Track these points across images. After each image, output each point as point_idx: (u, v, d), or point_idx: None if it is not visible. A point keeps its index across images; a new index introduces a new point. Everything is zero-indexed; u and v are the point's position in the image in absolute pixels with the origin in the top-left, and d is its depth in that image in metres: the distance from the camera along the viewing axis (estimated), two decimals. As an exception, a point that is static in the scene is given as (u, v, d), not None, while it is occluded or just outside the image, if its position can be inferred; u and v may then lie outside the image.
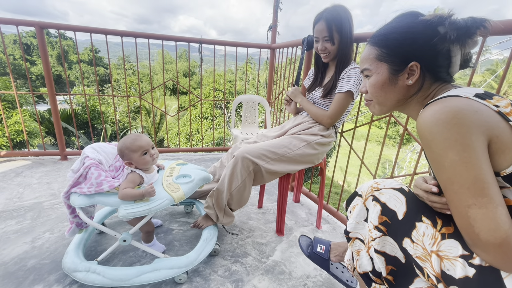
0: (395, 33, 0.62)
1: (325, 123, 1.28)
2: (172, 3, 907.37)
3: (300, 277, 1.14)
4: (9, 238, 1.25)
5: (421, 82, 0.62)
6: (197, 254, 1.09)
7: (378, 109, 0.70)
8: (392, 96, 0.66)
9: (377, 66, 0.65)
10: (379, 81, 0.65)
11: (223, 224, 1.28)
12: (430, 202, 0.57)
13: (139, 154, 1.02)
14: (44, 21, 2.06)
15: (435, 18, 0.58)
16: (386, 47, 0.63)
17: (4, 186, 1.77)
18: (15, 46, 30.34)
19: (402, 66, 0.62)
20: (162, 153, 2.65)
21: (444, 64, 0.60)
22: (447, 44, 0.58)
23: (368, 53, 0.68)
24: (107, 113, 13.04)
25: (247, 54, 2.56)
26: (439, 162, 0.51)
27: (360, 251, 0.71)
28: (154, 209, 0.94)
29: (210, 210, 1.25)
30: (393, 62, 0.63)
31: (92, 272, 0.98)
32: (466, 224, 0.48)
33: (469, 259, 0.49)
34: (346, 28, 1.17)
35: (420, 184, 0.60)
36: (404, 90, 0.64)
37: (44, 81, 1.96)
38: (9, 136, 2.38)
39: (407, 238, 0.58)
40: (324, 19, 1.16)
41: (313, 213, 1.68)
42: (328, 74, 1.35)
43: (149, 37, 2.16)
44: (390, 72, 0.63)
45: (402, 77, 0.63)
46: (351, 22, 1.18)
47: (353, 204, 0.73)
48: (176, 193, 1.01)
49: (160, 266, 1.01)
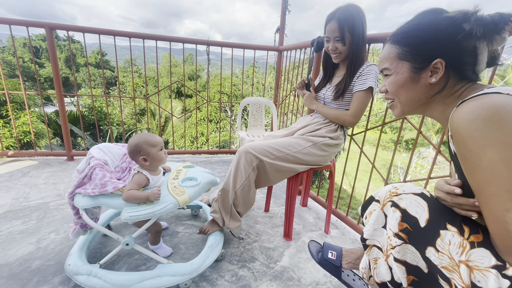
0: (417, 30, 0.61)
1: (348, 123, 1.25)
2: (178, 8, 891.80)
3: (309, 283, 1.10)
4: (14, 239, 1.24)
5: (445, 80, 0.60)
6: (202, 261, 1.05)
7: (400, 109, 0.68)
8: (414, 95, 0.64)
9: (397, 65, 0.64)
10: (399, 79, 0.63)
11: (229, 229, 1.24)
12: (455, 204, 0.54)
13: (158, 149, 1.02)
14: (53, 22, 2.07)
15: (460, 14, 0.56)
16: (407, 45, 0.62)
17: (11, 186, 1.77)
18: (24, 49, 30.98)
19: (424, 64, 0.60)
20: (168, 155, 2.64)
21: (470, 61, 0.57)
22: (473, 41, 0.55)
23: (388, 52, 0.66)
24: (113, 115, 13.16)
25: (254, 56, 2.54)
26: (475, 161, 0.48)
27: (378, 259, 0.67)
28: (158, 213, 0.91)
29: (216, 214, 1.22)
30: (415, 60, 0.61)
31: (94, 276, 0.96)
32: (502, 230, 0.45)
33: (503, 270, 0.45)
34: (359, 29, 1.14)
35: (441, 186, 0.57)
36: (427, 89, 0.62)
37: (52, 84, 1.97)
38: (17, 136, 2.39)
39: (431, 247, 0.54)
40: (336, 19, 1.14)
41: (321, 218, 1.64)
42: (338, 74, 1.33)
43: (156, 39, 2.17)
44: (412, 71, 0.62)
45: (424, 75, 0.61)
46: (364, 22, 1.16)
47: (369, 210, 0.70)
48: (181, 196, 0.98)
49: (162, 273, 0.98)
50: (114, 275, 0.96)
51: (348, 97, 1.24)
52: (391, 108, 0.71)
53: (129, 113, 13.49)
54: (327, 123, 1.30)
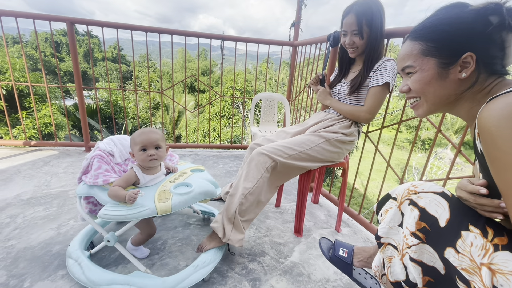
0: (443, 24, 0.58)
1: (363, 119, 1.22)
2: (193, 3, 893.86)
3: (319, 280, 1.10)
4: (36, 224, 1.31)
5: (476, 75, 0.57)
6: (177, 282, 0.91)
7: (426, 108, 0.65)
8: (442, 91, 0.61)
9: (422, 61, 0.61)
10: (426, 76, 0.61)
11: (230, 242, 1.07)
12: (479, 205, 0.52)
13: (138, 148, 0.96)
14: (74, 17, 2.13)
15: (488, 6, 0.54)
16: (433, 40, 0.59)
17: (34, 174, 1.86)
18: (45, 43, 32.16)
19: (453, 59, 0.57)
20: (181, 148, 2.68)
21: (499, 55, 0.55)
22: (503, 34, 0.53)
23: (410, 49, 0.63)
24: (128, 108, 13.48)
25: (268, 51, 2.53)
26: (505, 161, 0.45)
27: (393, 258, 0.66)
28: (130, 217, 0.84)
29: (217, 224, 1.09)
30: (442, 55, 0.59)
31: (79, 263, 0.96)
32: None
33: None
34: (377, 22, 1.11)
35: (465, 186, 0.55)
36: (456, 85, 0.59)
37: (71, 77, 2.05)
38: (39, 127, 2.50)
39: (451, 248, 0.52)
40: (354, 12, 1.11)
41: (332, 215, 1.63)
42: (354, 69, 1.30)
43: (172, 33, 2.19)
44: (439, 66, 0.59)
45: (453, 70, 0.58)
46: (382, 16, 1.12)
47: (385, 207, 0.68)
48: (163, 203, 0.88)
49: (133, 282, 0.90)
50: (92, 269, 0.94)
51: (363, 93, 1.22)
52: (414, 107, 0.68)
53: (144, 107, 13.77)
54: (341, 119, 1.27)
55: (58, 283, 0.97)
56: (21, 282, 0.96)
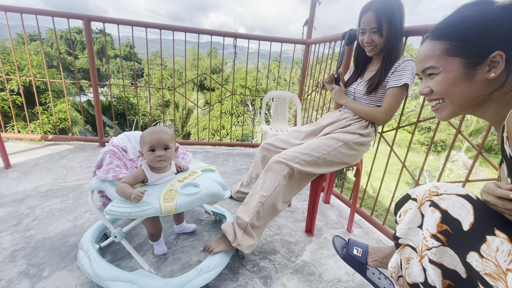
0: (468, 21, 0.56)
1: (379, 120, 1.20)
2: (204, 1, 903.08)
3: (331, 280, 1.09)
4: (54, 215, 1.35)
5: (505, 74, 0.55)
6: (179, 285, 0.89)
7: (451, 110, 0.62)
8: (469, 93, 0.58)
9: (446, 62, 0.59)
10: (451, 77, 0.58)
11: (240, 248, 1.03)
12: (507, 210, 0.50)
13: (147, 148, 0.95)
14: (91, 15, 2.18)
15: None
16: (457, 39, 0.57)
17: (51, 167, 1.91)
18: (61, 41, 33.01)
19: (480, 58, 0.55)
20: (192, 146, 2.71)
21: None
22: None
23: (431, 49, 0.61)
24: (139, 105, 13.72)
25: (281, 49, 2.52)
26: None
27: (411, 259, 0.65)
28: (134, 215, 0.85)
29: (228, 226, 1.07)
30: (468, 55, 0.56)
31: (88, 255, 0.98)
32: None
33: None
34: (397, 20, 1.08)
35: (492, 190, 0.53)
36: (483, 86, 0.57)
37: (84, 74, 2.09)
38: (56, 122, 2.58)
39: (474, 252, 0.51)
40: (374, 10, 1.09)
41: (344, 216, 1.61)
42: (371, 68, 1.28)
43: (186, 31, 2.21)
44: (465, 66, 0.57)
45: (481, 71, 0.56)
46: (402, 13, 1.10)
47: (405, 208, 0.67)
48: (168, 203, 0.87)
49: (135, 280, 0.89)
50: (99, 263, 0.95)
51: (380, 93, 1.19)
52: (437, 110, 0.65)
53: (154, 104, 13.98)
54: (357, 119, 1.25)
55: (75, 273, 1.00)
56: (40, 271, 1.00)
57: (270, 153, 1.39)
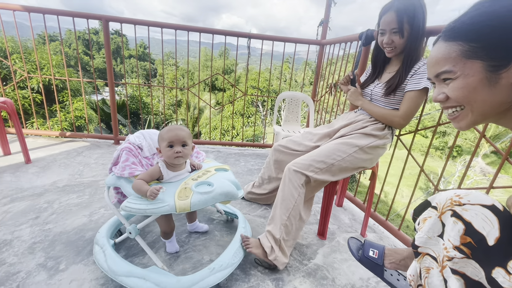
0: (489, 20, 0.49)
1: (396, 125, 1.17)
2: (216, 2, 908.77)
3: (344, 285, 1.06)
4: (71, 210, 1.38)
5: None
6: (191, 283, 0.89)
7: (471, 119, 0.56)
8: (493, 99, 0.52)
9: (464, 65, 0.52)
10: (471, 82, 0.52)
11: (275, 262, 1.06)
12: None
13: (165, 145, 0.96)
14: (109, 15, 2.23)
15: None
16: (477, 40, 0.51)
17: (68, 163, 1.97)
18: (78, 41, 34.13)
19: (505, 61, 0.49)
20: (203, 145, 2.72)
21: None
22: None
23: (446, 51, 0.54)
24: (151, 105, 13.98)
25: (295, 49, 2.50)
26: None
27: (431, 269, 0.62)
28: (149, 212, 0.86)
29: (265, 239, 1.09)
30: (491, 56, 0.50)
31: (104, 250, 0.99)
32: None
33: None
34: (419, 20, 1.05)
35: None
36: (508, 91, 0.51)
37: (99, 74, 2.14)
38: (73, 120, 2.66)
39: (500, 268, 0.48)
40: (395, 10, 1.05)
41: (357, 220, 1.58)
42: (389, 69, 1.24)
43: (200, 31, 2.23)
44: (487, 70, 0.50)
45: (506, 75, 0.49)
46: (425, 13, 1.06)
47: (424, 215, 0.64)
48: (183, 201, 0.87)
49: (148, 277, 0.90)
50: (114, 259, 0.96)
51: (399, 95, 1.16)
52: (455, 119, 0.58)
53: (166, 104, 14.20)
54: (374, 120, 1.22)
55: (91, 267, 1.02)
56: (57, 264, 1.02)
57: (283, 155, 1.38)
